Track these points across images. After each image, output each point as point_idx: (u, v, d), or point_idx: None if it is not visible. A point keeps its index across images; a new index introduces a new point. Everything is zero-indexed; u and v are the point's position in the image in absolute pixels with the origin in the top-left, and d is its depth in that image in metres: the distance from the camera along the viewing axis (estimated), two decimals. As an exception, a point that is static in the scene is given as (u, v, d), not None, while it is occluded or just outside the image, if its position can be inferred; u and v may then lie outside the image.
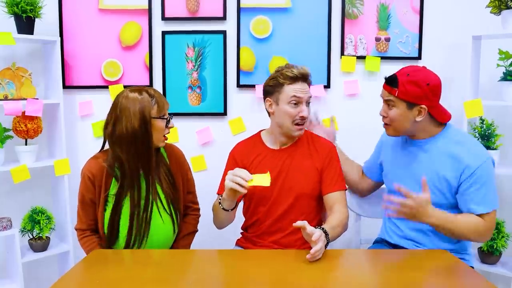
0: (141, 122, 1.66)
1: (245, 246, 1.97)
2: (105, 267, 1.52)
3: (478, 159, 1.68)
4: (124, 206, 1.73)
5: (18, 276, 2.24)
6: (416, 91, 1.68)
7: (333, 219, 1.78)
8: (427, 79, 1.69)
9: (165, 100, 1.75)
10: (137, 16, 2.52)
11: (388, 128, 1.81)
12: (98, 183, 1.73)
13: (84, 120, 2.58)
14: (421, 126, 1.75)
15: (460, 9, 2.55)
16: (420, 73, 1.71)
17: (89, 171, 1.73)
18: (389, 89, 1.73)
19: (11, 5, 2.25)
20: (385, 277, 1.47)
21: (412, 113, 1.72)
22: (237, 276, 1.48)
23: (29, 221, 2.35)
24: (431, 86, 1.69)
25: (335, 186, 1.86)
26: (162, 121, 1.72)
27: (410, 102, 1.70)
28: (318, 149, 1.89)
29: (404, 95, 1.69)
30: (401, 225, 1.84)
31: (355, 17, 2.56)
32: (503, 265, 2.30)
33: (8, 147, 2.32)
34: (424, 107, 1.70)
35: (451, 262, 1.56)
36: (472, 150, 1.71)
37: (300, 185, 1.86)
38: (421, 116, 1.71)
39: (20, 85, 2.37)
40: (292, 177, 1.87)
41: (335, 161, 1.90)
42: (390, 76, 1.74)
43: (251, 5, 2.54)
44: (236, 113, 2.59)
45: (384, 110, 1.79)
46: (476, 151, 1.71)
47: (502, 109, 2.48)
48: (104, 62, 2.55)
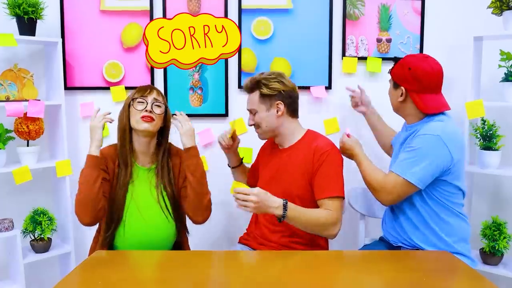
0: (122, 108, 1.85)
1: (248, 244, 1.99)
2: (107, 268, 1.52)
3: (424, 130, 1.74)
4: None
5: (19, 277, 2.24)
6: (398, 72, 1.83)
7: (314, 210, 1.80)
8: (412, 64, 1.79)
9: (149, 88, 1.85)
10: (139, 17, 2.53)
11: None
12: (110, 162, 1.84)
13: (85, 121, 2.58)
14: (408, 110, 1.85)
15: (461, 10, 2.55)
16: (411, 58, 1.82)
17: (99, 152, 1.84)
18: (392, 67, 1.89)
19: (13, 6, 2.26)
20: (386, 278, 1.47)
21: (396, 92, 1.86)
22: (238, 278, 1.48)
23: (30, 222, 2.35)
24: (413, 71, 1.78)
25: (324, 193, 1.82)
26: (138, 104, 1.80)
27: (394, 81, 1.87)
28: (313, 152, 1.86)
29: (392, 73, 1.87)
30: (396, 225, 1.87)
31: (356, 18, 2.56)
32: (505, 266, 2.29)
33: (10, 148, 2.32)
34: (402, 89, 1.81)
35: (452, 263, 1.56)
36: (431, 124, 1.76)
37: (289, 186, 1.87)
38: (401, 97, 1.82)
39: (22, 86, 2.37)
40: (284, 177, 1.90)
41: (328, 165, 1.83)
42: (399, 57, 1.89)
43: (252, 6, 2.54)
44: (238, 114, 2.59)
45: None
46: (433, 125, 1.75)
47: (503, 109, 2.48)
48: (106, 63, 2.55)
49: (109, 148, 1.89)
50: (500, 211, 2.47)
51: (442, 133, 1.71)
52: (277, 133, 1.94)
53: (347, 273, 1.57)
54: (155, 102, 1.81)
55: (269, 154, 2.03)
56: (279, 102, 1.88)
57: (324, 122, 2.56)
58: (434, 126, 1.75)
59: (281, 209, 1.70)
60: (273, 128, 1.92)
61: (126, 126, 1.83)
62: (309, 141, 1.91)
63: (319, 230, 1.80)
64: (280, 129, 1.93)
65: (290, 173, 1.88)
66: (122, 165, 1.82)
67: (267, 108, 1.89)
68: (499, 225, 2.27)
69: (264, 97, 1.89)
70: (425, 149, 1.71)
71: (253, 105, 1.92)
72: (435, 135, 1.71)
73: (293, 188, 1.86)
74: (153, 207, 1.81)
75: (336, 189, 1.81)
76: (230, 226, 2.62)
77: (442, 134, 1.71)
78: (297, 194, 1.86)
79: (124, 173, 1.81)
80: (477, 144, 2.36)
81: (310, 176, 1.84)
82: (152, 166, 1.87)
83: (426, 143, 1.71)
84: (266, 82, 1.88)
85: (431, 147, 1.71)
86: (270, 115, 1.90)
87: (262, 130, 1.94)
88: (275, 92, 1.87)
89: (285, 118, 1.91)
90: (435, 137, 1.70)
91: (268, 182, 1.93)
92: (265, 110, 1.90)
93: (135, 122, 1.79)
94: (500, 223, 2.28)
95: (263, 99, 1.89)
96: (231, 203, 1.75)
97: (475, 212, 2.46)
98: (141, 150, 1.84)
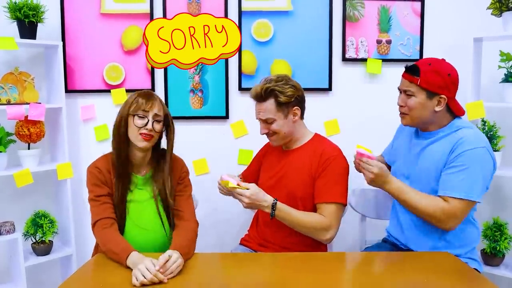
0: (120, 117, 1.78)
1: (249, 245, 1.99)
2: (108, 271, 1.52)
3: (468, 144, 1.65)
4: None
5: (21, 280, 2.24)
6: (438, 80, 1.68)
7: (306, 213, 1.80)
8: (448, 70, 1.71)
9: (149, 102, 1.75)
10: (139, 20, 2.53)
11: (404, 117, 1.80)
12: (107, 176, 1.77)
13: (86, 124, 2.59)
14: (437, 117, 1.75)
15: (461, 11, 2.55)
16: (441, 64, 1.73)
17: (93, 166, 1.79)
18: (410, 78, 1.72)
19: (13, 10, 2.26)
20: (388, 280, 1.47)
21: (431, 102, 1.71)
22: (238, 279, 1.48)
23: (32, 225, 2.35)
24: (452, 77, 1.70)
25: (321, 198, 1.82)
26: (138, 119, 1.73)
27: (431, 91, 1.69)
28: (319, 156, 1.85)
29: (426, 83, 1.68)
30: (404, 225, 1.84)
31: (356, 20, 2.57)
32: (506, 267, 2.29)
33: (11, 151, 2.33)
34: (444, 97, 1.70)
35: (455, 265, 1.56)
36: (470, 135, 1.68)
37: (293, 188, 1.87)
38: (440, 106, 1.71)
39: (23, 89, 2.38)
40: (288, 179, 1.90)
41: (331, 171, 1.82)
42: (411, 65, 1.74)
43: (253, 9, 2.54)
44: (238, 116, 2.59)
45: (402, 99, 1.77)
46: (473, 136, 1.68)
47: (504, 110, 2.48)
48: (106, 66, 2.56)
49: (104, 160, 1.82)
50: (501, 212, 2.47)
51: (486, 144, 1.67)
52: (292, 137, 1.93)
53: (348, 274, 1.57)
54: (156, 118, 1.76)
55: (274, 155, 2.02)
56: (296, 108, 1.87)
57: (324, 124, 2.56)
58: (472, 135, 1.68)
59: (270, 208, 1.75)
60: (291, 134, 1.91)
61: (123, 137, 1.77)
62: (316, 144, 1.90)
63: (310, 233, 1.81)
64: (295, 133, 1.92)
65: (294, 175, 1.88)
66: (120, 175, 1.78)
67: (285, 115, 1.86)
68: (500, 226, 2.27)
69: (281, 105, 1.85)
70: (477, 164, 1.65)
71: (270, 114, 1.87)
72: (482, 147, 1.65)
73: (297, 190, 1.86)
74: (150, 214, 1.80)
75: (334, 195, 1.80)
76: (231, 227, 2.62)
77: (486, 145, 1.67)
78: (300, 196, 1.86)
79: (123, 182, 1.78)
80: (477, 145, 2.36)
81: (314, 180, 1.84)
82: (147, 174, 1.85)
83: (477, 157, 1.64)
84: (281, 89, 1.83)
85: (482, 160, 1.65)
86: (288, 122, 1.88)
87: (280, 137, 1.91)
88: (292, 99, 1.85)
89: (298, 122, 1.92)
90: (482, 149, 1.65)
91: (272, 184, 1.93)
92: (283, 118, 1.86)
93: (134, 137, 1.75)
94: (501, 224, 2.28)
95: (281, 107, 1.85)
96: (232, 205, 1.75)
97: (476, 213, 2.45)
98: (137, 160, 1.82)
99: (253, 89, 1.89)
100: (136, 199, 1.80)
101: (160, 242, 1.80)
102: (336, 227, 1.80)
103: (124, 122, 1.76)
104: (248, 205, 1.74)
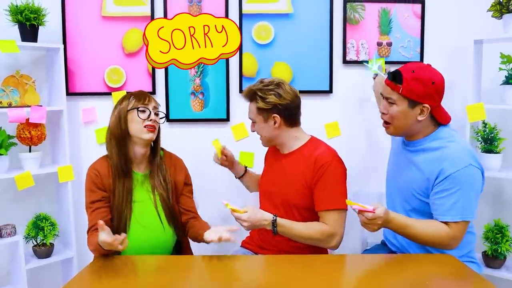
0: (118, 115, 1.81)
1: (249, 248, 1.99)
2: (109, 273, 1.52)
3: (455, 165, 1.60)
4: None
5: (22, 283, 2.25)
6: (420, 89, 1.62)
7: (307, 224, 1.80)
8: (432, 77, 1.63)
9: (147, 96, 1.84)
10: (140, 23, 2.54)
11: (388, 127, 1.76)
12: (105, 179, 1.80)
13: (87, 127, 2.59)
14: (421, 126, 1.70)
15: (462, 13, 2.56)
16: (425, 71, 1.64)
17: (92, 168, 1.82)
18: (393, 86, 1.66)
19: (15, 13, 2.27)
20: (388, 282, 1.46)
21: (414, 111, 1.66)
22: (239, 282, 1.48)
23: (33, 227, 2.35)
24: (436, 85, 1.63)
25: (322, 206, 1.81)
26: (140, 113, 1.78)
27: (413, 100, 1.64)
28: (314, 162, 1.82)
29: (408, 92, 1.62)
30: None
31: (357, 22, 2.57)
32: (507, 269, 2.29)
33: (12, 154, 2.33)
34: (427, 106, 1.64)
35: (456, 267, 1.55)
36: (454, 154, 1.62)
37: (287, 195, 1.87)
38: (423, 115, 1.66)
39: (24, 92, 2.38)
40: (283, 186, 1.89)
41: (327, 177, 1.79)
42: (394, 71, 1.67)
43: (253, 11, 2.55)
44: (239, 118, 2.59)
45: (384, 106, 1.73)
46: (457, 155, 1.62)
47: (504, 112, 2.48)
48: (107, 69, 2.56)
49: (101, 162, 1.85)
50: (502, 214, 2.47)
51: (470, 158, 1.62)
52: (276, 142, 1.93)
53: (349, 277, 1.57)
54: (155, 111, 1.82)
55: (272, 158, 2.02)
56: (275, 115, 1.85)
57: (325, 126, 2.56)
58: (455, 154, 1.62)
59: (271, 226, 1.75)
60: (271, 138, 1.92)
61: (125, 135, 1.79)
62: (310, 149, 1.87)
63: (316, 243, 1.81)
64: (278, 139, 1.91)
65: (289, 182, 1.87)
66: (122, 174, 1.80)
67: (264, 119, 1.87)
68: (501, 228, 2.27)
69: (260, 110, 1.86)
70: (467, 185, 1.61)
71: (252, 115, 1.92)
72: (466, 167, 1.59)
73: (291, 198, 1.86)
74: (150, 212, 1.82)
75: (335, 202, 1.79)
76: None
77: (471, 160, 1.61)
78: (294, 204, 1.85)
79: (124, 181, 1.80)
80: (478, 147, 2.37)
81: (310, 187, 1.82)
82: (147, 172, 1.87)
83: (464, 178, 1.60)
84: (262, 94, 1.83)
85: (470, 179, 1.61)
86: (268, 126, 1.87)
87: (262, 139, 1.95)
88: (270, 106, 1.83)
89: (282, 129, 1.88)
90: (468, 168, 1.60)
91: (269, 191, 1.95)
92: (262, 121, 1.87)
93: (138, 131, 1.77)
94: (502, 226, 2.27)
95: (260, 111, 1.86)
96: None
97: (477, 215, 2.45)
98: (138, 157, 1.83)
99: (245, 88, 1.94)
100: (138, 198, 1.81)
101: (161, 239, 1.82)
102: (340, 233, 1.80)
103: (124, 120, 1.79)
104: (249, 227, 1.74)
